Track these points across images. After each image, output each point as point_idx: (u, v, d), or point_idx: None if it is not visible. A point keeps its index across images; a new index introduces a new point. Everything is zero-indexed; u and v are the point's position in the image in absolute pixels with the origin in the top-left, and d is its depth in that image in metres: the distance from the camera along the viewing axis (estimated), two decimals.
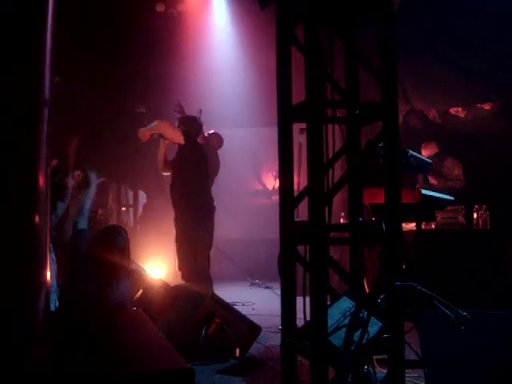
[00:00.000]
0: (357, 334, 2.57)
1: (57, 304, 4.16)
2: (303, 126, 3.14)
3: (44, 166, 1.66)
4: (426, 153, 7.16)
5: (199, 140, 6.35)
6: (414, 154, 5.23)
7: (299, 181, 3.03)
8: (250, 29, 8.61)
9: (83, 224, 4.56)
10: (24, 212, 1.61)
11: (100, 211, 7.99)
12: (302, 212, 3.00)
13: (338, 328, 2.67)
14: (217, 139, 7.36)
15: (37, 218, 1.62)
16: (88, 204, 4.67)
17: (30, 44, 1.65)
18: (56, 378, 2.04)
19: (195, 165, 6.06)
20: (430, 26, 6.83)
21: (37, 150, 1.63)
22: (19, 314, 1.61)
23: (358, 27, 3.05)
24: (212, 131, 7.23)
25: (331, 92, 2.95)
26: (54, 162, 4.65)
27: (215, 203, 6.18)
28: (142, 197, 9.81)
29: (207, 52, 9.33)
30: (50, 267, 1.98)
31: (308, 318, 2.71)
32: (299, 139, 3.16)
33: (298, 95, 2.94)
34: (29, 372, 1.67)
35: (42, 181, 1.62)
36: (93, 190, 4.76)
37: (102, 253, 4.42)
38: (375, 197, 3.58)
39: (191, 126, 6.23)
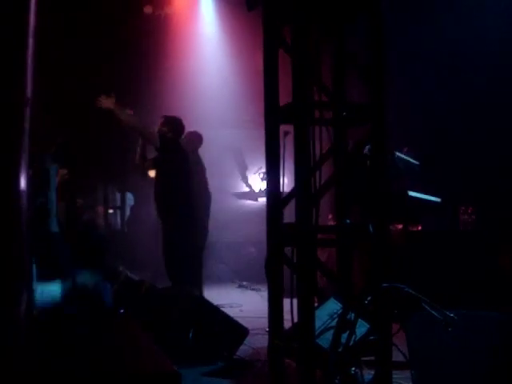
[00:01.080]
0: (344, 336, 2.57)
1: None
2: (287, 128, 3.14)
3: (25, 166, 1.65)
4: None
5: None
6: (402, 155, 5.26)
7: (283, 183, 3.03)
8: (237, 30, 8.63)
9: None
10: (3, 212, 1.59)
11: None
12: (288, 214, 3.00)
13: (325, 330, 2.67)
14: (197, 138, 7.16)
15: (16, 218, 1.60)
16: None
17: (12, 44, 1.63)
18: (42, 378, 2.02)
19: (172, 168, 5.91)
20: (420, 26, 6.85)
21: (18, 148, 1.61)
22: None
23: (345, 28, 3.05)
24: (191, 130, 7.02)
25: (318, 93, 2.95)
26: None
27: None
28: (130, 199, 9.77)
29: (194, 53, 9.33)
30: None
31: (295, 320, 2.71)
32: (282, 142, 3.15)
33: (284, 97, 2.94)
34: (15, 371, 1.65)
35: (22, 180, 1.61)
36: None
37: None
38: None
39: (175, 126, 6.14)
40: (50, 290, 4.59)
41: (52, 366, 2.16)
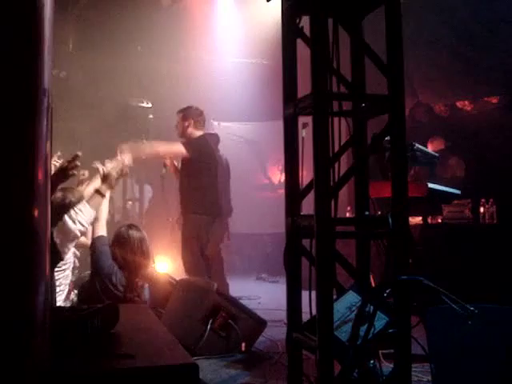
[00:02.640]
0: (363, 329, 2.56)
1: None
2: (305, 120, 3.13)
3: (44, 158, 1.63)
4: (432, 148, 7.13)
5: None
6: (421, 147, 5.21)
7: (302, 175, 3.02)
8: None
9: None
10: (21, 206, 1.58)
11: None
12: (306, 207, 2.99)
13: (344, 322, 2.66)
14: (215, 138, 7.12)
15: (35, 213, 1.59)
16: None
17: (29, 32, 1.62)
18: (60, 375, 2.03)
19: (194, 163, 5.99)
20: (438, 17, 6.79)
21: (35, 140, 1.60)
22: (17, 310, 1.59)
23: (364, 18, 3.02)
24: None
25: (337, 85, 2.93)
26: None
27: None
28: (148, 191, 9.80)
29: (212, 46, 9.32)
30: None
31: (314, 313, 2.70)
32: (301, 134, 3.14)
33: (303, 91, 2.92)
34: (31, 370, 1.66)
35: (41, 174, 1.59)
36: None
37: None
38: (382, 191, 3.56)
39: (194, 116, 6.15)
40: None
41: (62, 361, 2.17)
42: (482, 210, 5.51)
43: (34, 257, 1.62)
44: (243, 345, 4.51)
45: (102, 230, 4.54)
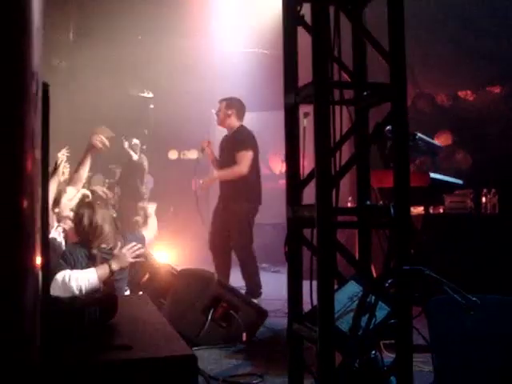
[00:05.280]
0: (364, 319, 2.54)
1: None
2: (307, 109, 3.10)
3: (32, 144, 1.58)
4: (439, 142, 7.10)
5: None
6: (423, 137, 5.18)
7: (303, 165, 3.00)
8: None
9: None
10: (8, 194, 1.54)
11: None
12: (307, 196, 2.97)
13: (345, 313, 2.64)
14: None
15: (23, 201, 1.56)
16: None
17: (12, 9, 1.54)
18: (58, 366, 2.02)
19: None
20: (441, 4, 6.75)
21: (22, 125, 1.55)
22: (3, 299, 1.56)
23: (366, 5, 2.99)
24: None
25: (338, 73, 2.90)
26: None
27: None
28: (150, 182, 9.81)
29: (214, 36, 9.28)
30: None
31: (315, 303, 2.68)
32: (302, 123, 3.12)
33: (303, 81, 2.89)
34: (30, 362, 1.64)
35: (29, 160, 1.55)
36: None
37: None
38: (383, 180, 3.54)
39: (238, 107, 6.40)
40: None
41: (58, 352, 2.16)
42: (483, 200, 5.49)
43: (20, 245, 1.59)
44: (244, 335, 4.51)
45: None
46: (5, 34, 1.51)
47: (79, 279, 4.01)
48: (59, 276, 3.99)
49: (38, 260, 1.68)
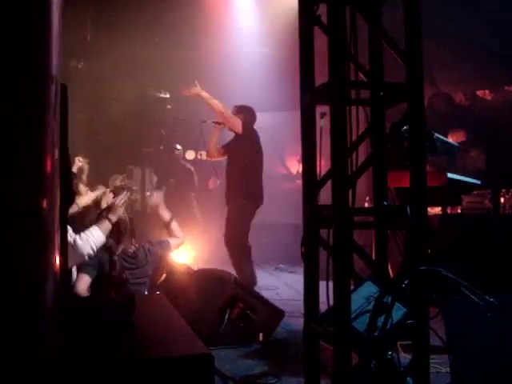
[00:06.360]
0: (381, 320, 2.53)
1: None
2: (323, 109, 3.10)
3: (52, 145, 1.60)
4: (453, 139, 7.05)
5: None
6: (440, 137, 5.14)
7: (320, 165, 3.00)
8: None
9: None
10: (28, 195, 1.57)
11: None
12: (324, 197, 2.96)
13: (361, 313, 2.64)
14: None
15: (43, 202, 1.58)
16: None
17: (35, 16, 1.58)
18: (74, 366, 2.03)
19: (248, 155, 6.41)
20: (458, 4, 6.70)
21: (42, 127, 1.57)
22: (25, 296, 1.58)
23: (382, 5, 2.98)
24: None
25: (355, 73, 2.89)
26: None
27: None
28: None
29: (230, 36, 9.29)
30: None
31: (331, 303, 2.68)
32: (319, 123, 3.12)
33: (319, 82, 2.89)
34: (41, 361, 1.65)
35: (49, 161, 1.57)
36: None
37: None
38: (400, 180, 3.52)
39: (249, 114, 6.57)
40: None
41: (81, 353, 2.18)
42: (502, 200, 5.44)
43: (42, 245, 1.61)
44: (261, 335, 4.51)
45: None
46: (28, 40, 1.54)
47: (85, 239, 4.23)
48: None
49: (57, 260, 1.70)
